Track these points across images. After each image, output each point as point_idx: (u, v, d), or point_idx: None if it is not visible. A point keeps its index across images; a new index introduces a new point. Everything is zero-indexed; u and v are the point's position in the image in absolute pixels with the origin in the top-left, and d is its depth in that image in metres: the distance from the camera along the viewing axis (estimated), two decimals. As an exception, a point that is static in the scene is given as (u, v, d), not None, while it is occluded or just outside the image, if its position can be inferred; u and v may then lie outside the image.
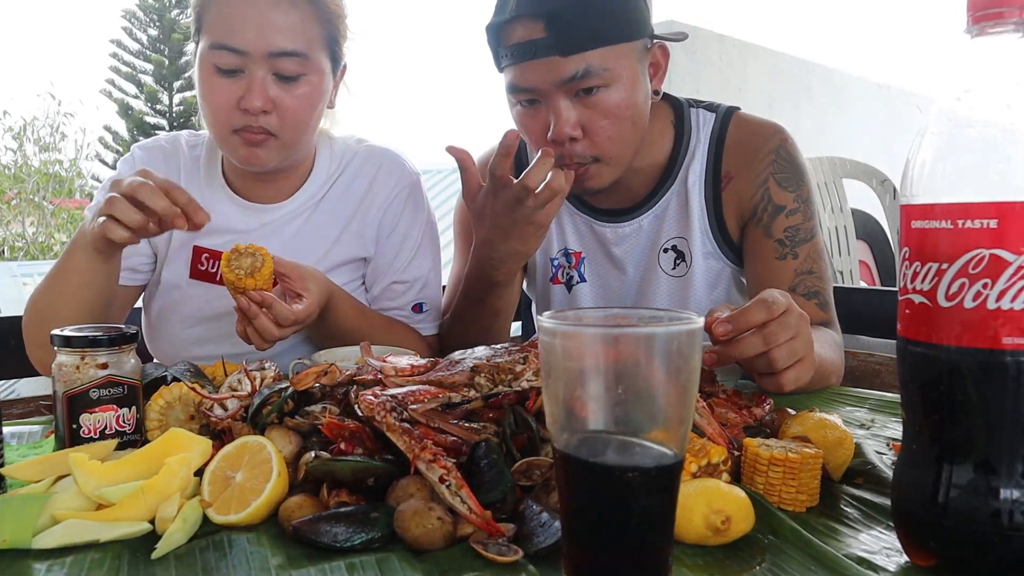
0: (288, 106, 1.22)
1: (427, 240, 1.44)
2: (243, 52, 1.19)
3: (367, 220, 1.40)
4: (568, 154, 1.22)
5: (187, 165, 1.41)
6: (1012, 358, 0.53)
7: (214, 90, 1.21)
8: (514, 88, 1.23)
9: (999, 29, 0.56)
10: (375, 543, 0.64)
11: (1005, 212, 0.53)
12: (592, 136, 1.21)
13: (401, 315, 1.42)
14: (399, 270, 1.42)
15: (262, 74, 1.20)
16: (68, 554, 0.64)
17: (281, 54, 1.20)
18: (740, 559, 0.62)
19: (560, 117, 1.19)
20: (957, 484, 0.56)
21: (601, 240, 1.43)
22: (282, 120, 1.23)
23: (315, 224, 1.39)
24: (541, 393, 0.65)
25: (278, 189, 1.39)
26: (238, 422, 0.81)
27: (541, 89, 1.19)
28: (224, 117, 1.22)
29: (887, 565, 0.61)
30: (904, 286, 0.59)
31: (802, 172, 1.31)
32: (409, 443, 0.67)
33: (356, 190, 1.41)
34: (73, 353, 0.80)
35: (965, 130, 0.56)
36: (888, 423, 0.98)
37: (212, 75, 1.21)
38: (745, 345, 0.87)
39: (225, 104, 1.21)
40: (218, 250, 1.35)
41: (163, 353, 1.43)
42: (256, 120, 1.21)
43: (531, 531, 0.63)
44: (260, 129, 1.22)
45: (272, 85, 1.21)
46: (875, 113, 5.50)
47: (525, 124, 1.26)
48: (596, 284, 1.45)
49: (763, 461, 0.71)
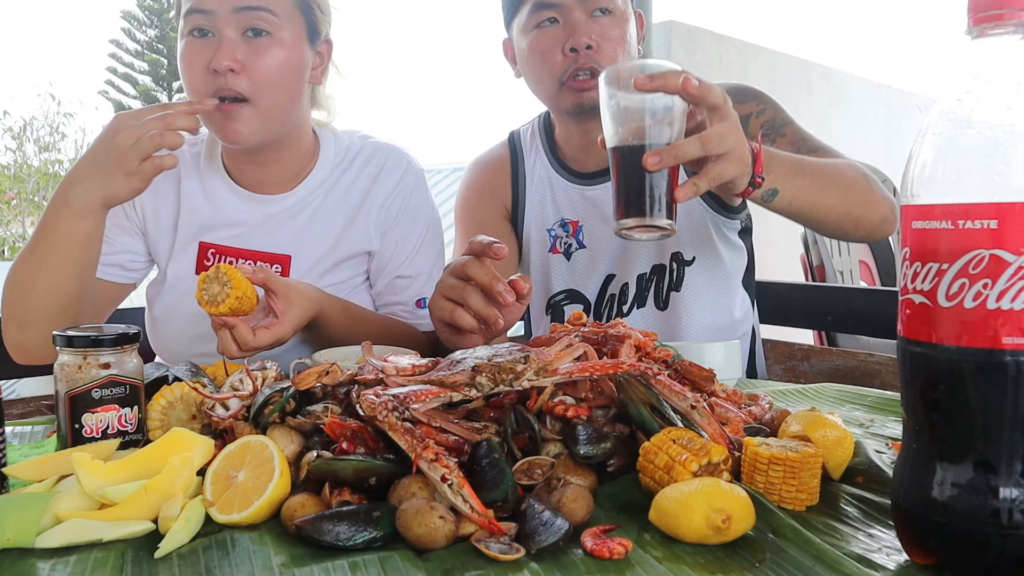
0: (258, 67, 1.23)
1: (430, 236, 1.46)
2: (209, 12, 1.21)
3: (371, 214, 1.40)
4: (583, 63, 1.37)
5: (187, 163, 1.41)
6: (1012, 358, 0.54)
7: (187, 57, 1.23)
8: (540, 5, 1.39)
9: (999, 31, 0.56)
10: (377, 542, 0.64)
11: (1005, 213, 0.54)
12: (602, 49, 1.37)
13: (405, 310, 1.43)
14: (401, 264, 1.42)
15: (231, 33, 1.21)
16: (71, 553, 0.64)
17: (245, 8, 1.21)
18: (740, 558, 0.63)
19: (580, 27, 1.37)
20: (957, 483, 0.56)
21: (595, 203, 1.51)
22: (252, 81, 1.23)
23: (322, 216, 1.39)
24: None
25: (280, 175, 1.39)
26: (240, 422, 0.81)
27: (566, 4, 1.37)
28: (199, 83, 1.23)
29: (887, 564, 0.61)
30: (904, 286, 0.59)
31: (754, 89, 1.46)
32: (411, 442, 0.68)
33: (361, 184, 1.41)
34: (76, 353, 0.80)
35: (965, 131, 0.56)
36: (887, 422, 0.99)
37: (188, 40, 1.24)
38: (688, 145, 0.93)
39: (199, 69, 1.22)
40: (224, 245, 1.36)
41: (167, 350, 1.43)
42: (227, 82, 1.21)
43: (533, 530, 0.63)
44: (231, 92, 1.22)
45: (241, 46, 1.22)
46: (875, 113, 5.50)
47: (542, 46, 1.40)
48: (594, 247, 1.53)
49: (763, 460, 0.71)
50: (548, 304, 1.58)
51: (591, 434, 0.74)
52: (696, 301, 1.47)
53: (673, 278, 1.48)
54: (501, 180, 1.60)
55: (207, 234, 1.36)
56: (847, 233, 1.27)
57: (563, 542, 0.62)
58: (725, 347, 1.16)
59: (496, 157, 1.63)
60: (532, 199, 1.57)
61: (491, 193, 1.60)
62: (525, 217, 1.58)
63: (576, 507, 0.67)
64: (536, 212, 1.57)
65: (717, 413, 0.83)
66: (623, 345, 0.88)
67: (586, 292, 1.54)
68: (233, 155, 1.38)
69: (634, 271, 1.49)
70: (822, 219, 1.21)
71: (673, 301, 1.48)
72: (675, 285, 1.48)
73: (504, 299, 1.00)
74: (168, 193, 1.39)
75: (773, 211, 1.15)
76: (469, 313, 1.04)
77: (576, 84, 1.38)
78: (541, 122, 1.62)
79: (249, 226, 1.37)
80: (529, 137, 1.61)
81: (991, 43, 0.57)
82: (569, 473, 0.73)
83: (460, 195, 1.65)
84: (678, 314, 1.47)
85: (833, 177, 1.19)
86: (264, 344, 1.07)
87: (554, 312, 1.57)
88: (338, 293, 1.32)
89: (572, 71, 1.37)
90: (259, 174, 1.38)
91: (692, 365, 0.92)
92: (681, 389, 0.78)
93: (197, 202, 1.38)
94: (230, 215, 1.37)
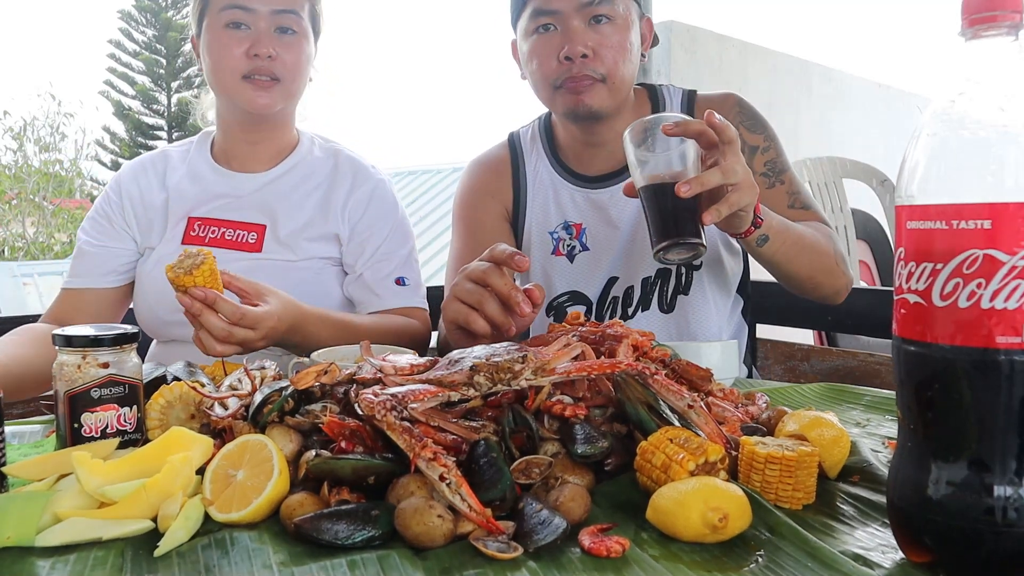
0: (287, 57, 1.45)
1: (401, 227, 1.57)
2: (251, 9, 1.42)
3: (338, 206, 1.52)
4: (577, 72, 1.39)
5: (174, 163, 1.58)
6: (1005, 357, 0.54)
7: (226, 42, 1.43)
8: (539, 12, 1.41)
9: (993, 32, 0.57)
10: (376, 541, 0.64)
11: (999, 213, 0.54)
12: (600, 57, 1.39)
13: (383, 289, 1.50)
14: (377, 246, 1.52)
15: (265, 27, 1.43)
16: (71, 552, 0.65)
17: (282, 11, 1.44)
18: (737, 556, 0.63)
19: (576, 35, 1.38)
20: (951, 481, 0.57)
21: (598, 207, 1.54)
22: (283, 66, 1.44)
23: (297, 193, 1.52)
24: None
25: (264, 153, 1.55)
26: (239, 421, 0.81)
27: (563, 12, 1.38)
28: (236, 64, 1.43)
29: (883, 562, 0.61)
30: (899, 286, 0.60)
31: (763, 119, 1.52)
32: (409, 441, 0.68)
33: (338, 179, 1.55)
34: (74, 352, 0.81)
35: (959, 132, 0.57)
36: (883, 421, 0.99)
37: (224, 30, 1.43)
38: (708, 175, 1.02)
39: (238, 53, 1.42)
40: (210, 217, 1.49)
41: (150, 311, 1.48)
42: (264, 64, 1.42)
43: (531, 528, 0.64)
44: (267, 72, 1.43)
45: (275, 39, 1.44)
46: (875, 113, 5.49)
47: (539, 50, 1.43)
48: (597, 250, 1.55)
49: (760, 459, 0.71)
50: (550, 305, 1.59)
51: (589, 433, 0.75)
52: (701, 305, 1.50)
53: (681, 282, 1.50)
54: (502, 181, 1.61)
55: (196, 208, 1.50)
56: (804, 292, 1.37)
57: (561, 541, 0.63)
58: (722, 347, 1.16)
59: (496, 158, 1.64)
60: (534, 201, 1.58)
61: (491, 194, 1.61)
62: (526, 219, 1.59)
63: (574, 506, 0.67)
64: (538, 214, 1.58)
65: (714, 412, 0.83)
66: (620, 345, 0.88)
67: (588, 293, 1.55)
68: (231, 133, 1.55)
69: (639, 275, 1.51)
70: (790, 275, 1.31)
71: (680, 304, 1.50)
72: (683, 288, 1.50)
73: (521, 310, 1.03)
74: (153, 189, 1.55)
75: (757, 258, 1.26)
76: (483, 319, 1.05)
77: (570, 87, 1.40)
78: (541, 124, 1.62)
79: (229, 198, 1.51)
80: (529, 139, 1.62)
81: (984, 44, 0.57)
82: (567, 472, 0.73)
83: (459, 195, 1.66)
84: (686, 316, 1.50)
85: (810, 244, 1.31)
86: (256, 317, 1.11)
87: (556, 313, 1.58)
88: (309, 267, 1.47)
89: (566, 78, 1.39)
90: (247, 152, 1.55)
91: (689, 365, 0.93)
92: (678, 388, 0.78)
93: (183, 186, 1.54)
94: (214, 191, 1.52)
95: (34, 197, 15.57)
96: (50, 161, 16.47)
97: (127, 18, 19.30)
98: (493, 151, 1.66)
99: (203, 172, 1.55)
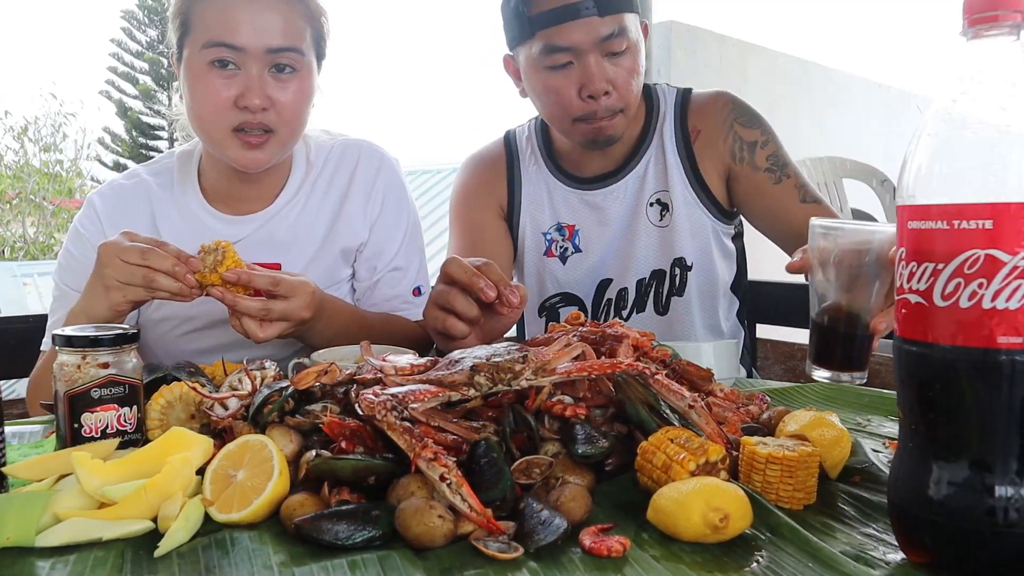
0: (285, 102, 1.23)
1: (413, 227, 1.48)
2: (240, 49, 1.19)
3: (356, 207, 1.41)
4: (599, 107, 1.37)
5: (157, 196, 1.38)
6: (1007, 357, 0.54)
7: (210, 89, 1.21)
8: (552, 48, 1.35)
9: (994, 32, 0.57)
10: (376, 541, 0.64)
11: (1000, 213, 0.54)
12: (619, 90, 1.37)
13: (403, 302, 1.44)
14: (394, 257, 1.43)
15: (258, 71, 1.20)
16: (71, 552, 0.65)
17: (279, 50, 1.21)
18: (738, 556, 0.63)
19: (597, 73, 1.34)
20: (952, 482, 0.57)
21: (593, 207, 1.54)
22: (280, 116, 1.23)
23: (303, 223, 1.39)
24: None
25: (260, 193, 1.38)
26: (239, 421, 0.81)
27: (581, 48, 1.33)
28: (222, 116, 1.22)
29: (883, 562, 0.61)
30: (900, 286, 0.60)
31: (757, 114, 1.51)
32: (409, 442, 0.68)
33: (340, 181, 1.42)
34: (74, 353, 0.81)
35: (961, 132, 0.56)
36: (884, 421, 0.99)
37: (207, 73, 1.21)
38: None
39: (224, 102, 1.21)
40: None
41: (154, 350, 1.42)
42: (255, 117, 1.21)
43: (531, 529, 0.64)
44: (259, 126, 1.22)
45: (269, 82, 1.22)
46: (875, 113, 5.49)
47: (556, 86, 1.38)
48: (590, 251, 1.55)
49: (760, 459, 0.71)
50: (542, 306, 1.59)
51: (589, 433, 0.74)
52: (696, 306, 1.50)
53: (675, 283, 1.50)
54: (497, 179, 1.60)
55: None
56: None
57: (561, 541, 0.63)
58: (722, 347, 1.16)
59: (492, 155, 1.63)
60: (527, 201, 1.58)
61: (488, 192, 1.60)
62: (520, 219, 1.58)
63: (574, 506, 0.67)
64: (531, 214, 1.57)
65: (715, 412, 0.83)
66: (621, 345, 0.88)
67: (581, 295, 1.55)
68: (221, 173, 1.36)
69: (633, 277, 1.51)
70: None
71: (674, 305, 1.50)
72: (677, 290, 1.50)
73: (485, 295, 1.00)
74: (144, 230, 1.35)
75: None
76: (458, 318, 1.04)
77: (594, 124, 1.39)
78: (537, 125, 1.62)
79: (233, 242, 1.36)
80: (525, 139, 1.62)
81: (986, 44, 0.57)
82: (567, 472, 0.73)
83: (456, 192, 1.65)
84: (680, 318, 1.50)
85: None
86: (289, 284, 1.08)
87: (548, 314, 1.58)
88: (334, 292, 1.34)
89: (590, 116, 1.38)
90: (243, 192, 1.37)
91: (690, 365, 0.92)
92: (679, 389, 0.78)
93: (180, 237, 1.33)
94: (213, 237, 1.34)
95: (34, 197, 15.57)
96: (51, 161, 16.48)
97: (130, 18, 19.29)
98: (489, 148, 1.65)
99: (198, 216, 1.37)
